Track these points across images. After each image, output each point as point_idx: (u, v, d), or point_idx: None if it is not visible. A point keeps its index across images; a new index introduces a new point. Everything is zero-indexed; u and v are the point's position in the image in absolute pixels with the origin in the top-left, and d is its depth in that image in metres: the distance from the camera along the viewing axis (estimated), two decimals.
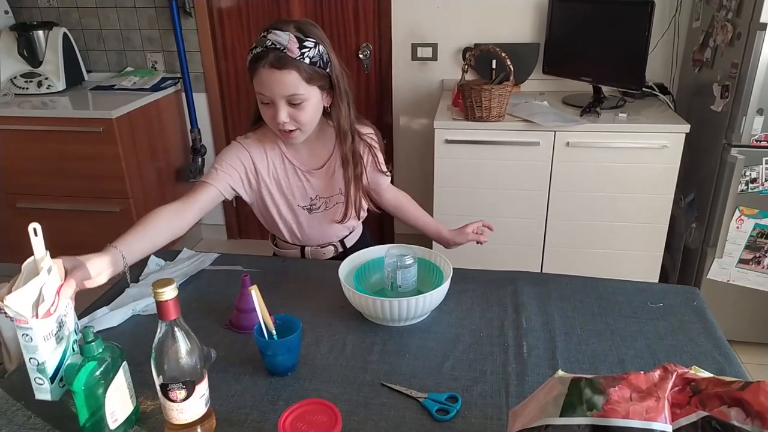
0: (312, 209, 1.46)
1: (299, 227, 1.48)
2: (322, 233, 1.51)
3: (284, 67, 1.21)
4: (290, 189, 1.42)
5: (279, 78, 1.22)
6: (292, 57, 1.21)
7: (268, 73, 1.22)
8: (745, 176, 2.07)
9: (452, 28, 2.69)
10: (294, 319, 1.05)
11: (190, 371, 0.86)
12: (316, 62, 1.25)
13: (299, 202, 1.44)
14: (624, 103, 2.42)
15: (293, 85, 1.23)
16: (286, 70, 1.21)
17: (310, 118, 1.30)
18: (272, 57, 1.21)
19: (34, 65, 2.82)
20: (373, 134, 1.47)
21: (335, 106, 1.33)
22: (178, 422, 0.88)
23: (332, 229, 1.51)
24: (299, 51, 1.22)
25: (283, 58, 1.21)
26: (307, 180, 1.42)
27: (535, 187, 2.31)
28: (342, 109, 1.34)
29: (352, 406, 0.96)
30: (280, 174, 1.41)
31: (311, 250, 1.53)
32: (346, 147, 1.38)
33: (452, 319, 1.19)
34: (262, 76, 1.23)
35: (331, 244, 1.54)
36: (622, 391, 0.66)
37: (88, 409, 0.88)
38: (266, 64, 1.22)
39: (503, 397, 0.98)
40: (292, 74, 1.22)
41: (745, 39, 1.97)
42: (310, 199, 1.44)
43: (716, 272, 2.21)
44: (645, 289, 1.28)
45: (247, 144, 1.37)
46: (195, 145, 3.08)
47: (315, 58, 1.24)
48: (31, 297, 0.86)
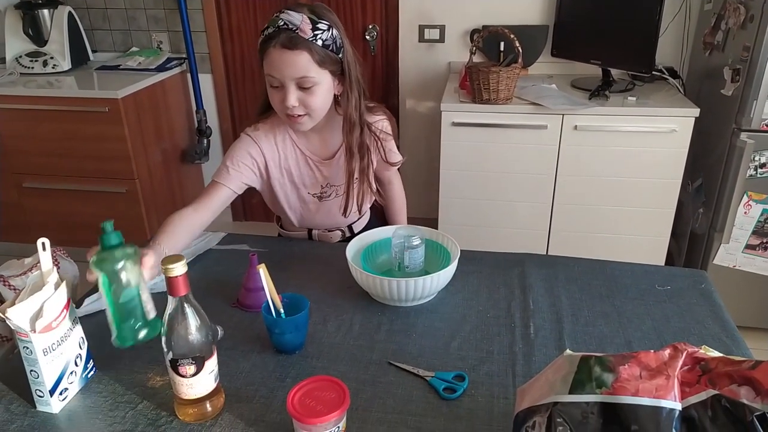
0: (323, 197, 1.44)
1: (308, 213, 1.47)
2: (331, 219, 1.50)
3: (296, 48, 1.18)
4: (301, 178, 1.41)
5: (290, 59, 1.18)
6: (304, 38, 1.18)
7: (278, 53, 1.19)
8: (754, 161, 2.05)
9: (460, 9, 2.66)
10: (302, 297, 1.05)
11: (199, 347, 0.86)
12: (329, 45, 1.21)
13: (310, 190, 1.43)
14: (633, 86, 2.39)
15: (304, 66, 1.20)
16: (297, 51, 1.18)
17: (320, 103, 1.26)
18: (284, 37, 1.17)
19: (39, 44, 2.81)
20: (385, 120, 1.43)
21: (344, 94, 1.29)
22: (187, 397, 0.89)
23: (340, 216, 1.50)
24: (312, 32, 1.18)
25: (295, 38, 1.17)
26: (318, 169, 1.41)
27: (542, 171, 2.30)
28: (351, 99, 1.29)
29: (359, 384, 0.96)
30: (291, 164, 1.39)
31: (318, 234, 1.53)
32: (353, 138, 1.33)
33: (459, 299, 1.20)
34: (273, 56, 1.19)
35: (338, 229, 1.54)
36: (632, 369, 0.66)
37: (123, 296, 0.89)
38: (277, 44, 1.18)
39: (510, 377, 0.98)
40: (303, 55, 1.18)
41: (758, 21, 1.94)
42: (321, 187, 1.43)
43: (723, 258, 2.21)
44: (652, 272, 1.28)
45: (257, 137, 1.34)
46: (200, 126, 3.07)
47: (328, 41, 1.21)
48: (32, 311, 0.86)
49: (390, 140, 1.46)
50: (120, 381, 0.98)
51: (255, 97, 3.11)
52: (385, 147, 1.43)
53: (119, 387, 0.97)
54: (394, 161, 1.49)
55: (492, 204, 2.39)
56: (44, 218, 2.80)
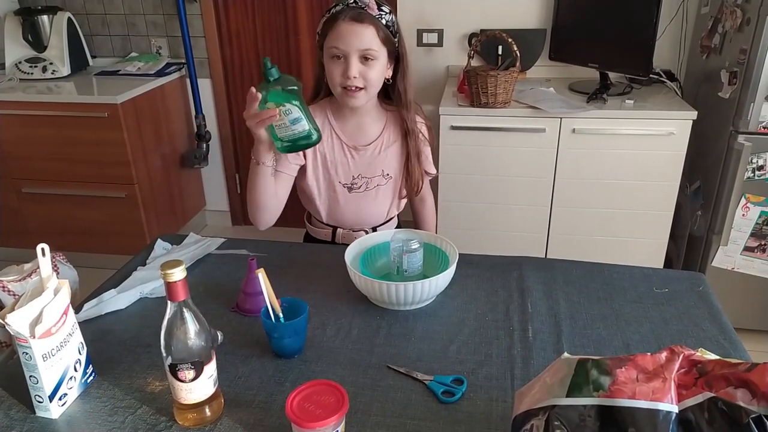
0: (353, 188, 1.47)
1: (336, 205, 1.49)
2: (358, 215, 1.52)
3: (364, 21, 1.29)
4: (334, 164, 1.45)
5: (358, 30, 1.28)
6: (371, 14, 1.29)
7: (347, 25, 1.28)
8: (752, 164, 2.06)
9: (458, 13, 2.68)
10: (301, 302, 1.05)
11: (198, 352, 0.87)
12: (390, 27, 1.33)
13: (341, 179, 1.46)
14: (631, 89, 2.40)
15: (370, 39, 1.29)
16: (365, 24, 1.29)
17: (377, 78, 1.35)
18: (354, 12, 1.29)
19: (39, 50, 2.82)
20: (425, 125, 1.51)
21: (402, 76, 1.39)
22: (186, 402, 0.89)
23: (368, 212, 1.52)
24: (378, 11, 1.31)
25: (363, 13, 1.29)
26: (351, 156, 1.45)
27: (541, 174, 2.31)
28: (408, 79, 1.40)
29: (358, 388, 0.97)
30: (326, 147, 1.44)
31: (343, 233, 1.54)
32: (409, 117, 1.43)
33: (458, 303, 1.20)
34: (341, 28, 1.29)
35: (363, 230, 1.54)
36: (629, 372, 0.66)
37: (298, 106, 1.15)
38: (347, 17, 1.28)
39: (508, 380, 0.98)
40: (370, 29, 1.29)
41: (755, 24, 1.95)
42: (352, 177, 1.46)
43: (721, 260, 2.21)
44: (651, 275, 1.28)
45: None
46: (200, 131, 3.07)
47: (389, 23, 1.33)
48: (32, 316, 0.86)
49: (427, 146, 1.53)
50: (119, 386, 0.98)
51: None
52: (423, 152, 1.50)
53: (118, 392, 0.97)
54: (429, 171, 1.57)
55: (491, 207, 2.39)
56: (43, 223, 2.81)
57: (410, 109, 1.43)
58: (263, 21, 2.93)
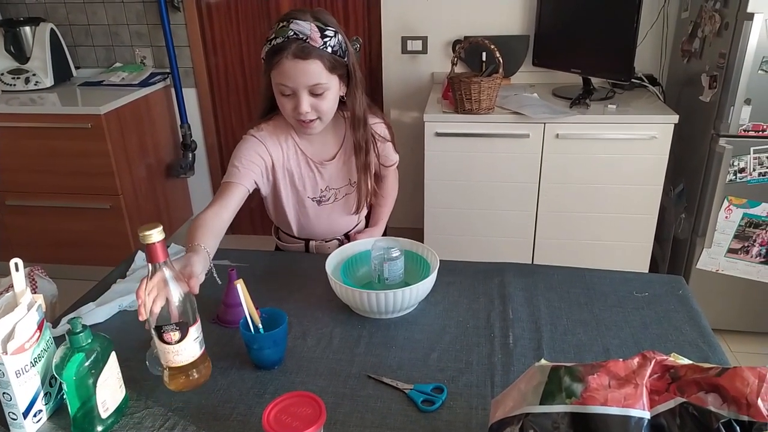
0: (321, 201, 1.47)
1: (307, 220, 1.49)
2: (330, 226, 1.52)
3: (309, 57, 1.21)
4: (302, 180, 1.43)
5: (303, 68, 1.22)
6: (315, 46, 1.21)
7: (292, 63, 1.22)
8: (734, 166, 2.08)
9: (442, 20, 2.69)
10: (280, 312, 1.05)
11: (182, 312, 0.90)
12: (337, 51, 1.26)
13: (309, 193, 1.45)
14: (613, 94, 2.42)
15: (317, 74, 1.23)
16: (310, 60, 1.22)
17: (330, 107, 1.31)
18: (295, 47, 1.21)
19: (22, 61, 2.80)
20: (382, 124, 1.48)
21: (351, 94, 1.34)
22: (175, 365, 0.92)
23: (339, 222, 1.52)
24: (321, 40, 1.22)
25: (306, 48, 1.21)
26: (318, 171, 1.43)
27: (525, 179, 2.32)
28: (357, 97, 1.34)
29: (338, 398, 0.96)
30: (293, 165, 1.41)
31: (316, 245, 1.53)
32: (359, 135, 1.38)
33: (439, 310, 1.20)
34: (285, 66, 1.22)
35: (335, 238, 1.54)
36: (601, 378, 0.66)
37: (78, 400, 0.88)
38: (289, 55, 1.21)
39: (488, 388, 0.98)
40: (316, 64, 1.22)
41: (733, 29, 1.97)
42: (320, 191, 1.45)
43: (705, 262, 2.22)
44: (631, 279, 1.29)
45: (262, 137, 1.36)
46: (185, 140, 3.06)
47: (336, 47, 1.25)
48: (4, 332, 0.85)
49: (387, 144, 1.51)
50: None
51: (240, 111, 3.11)
52: (380, 151, 1.48)
53: None
54: (389, 164, 1.56)
55: (477, 213, 2.39)
56: (28, 236, 2.78)
57: (359, 126, 1.37)
58: (247, 29, 2.93)
